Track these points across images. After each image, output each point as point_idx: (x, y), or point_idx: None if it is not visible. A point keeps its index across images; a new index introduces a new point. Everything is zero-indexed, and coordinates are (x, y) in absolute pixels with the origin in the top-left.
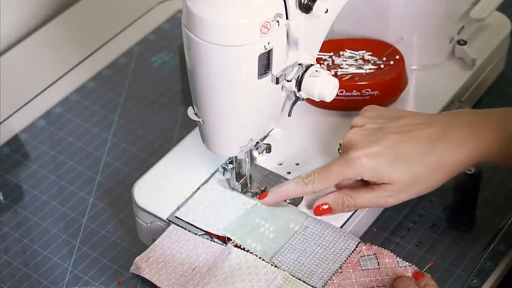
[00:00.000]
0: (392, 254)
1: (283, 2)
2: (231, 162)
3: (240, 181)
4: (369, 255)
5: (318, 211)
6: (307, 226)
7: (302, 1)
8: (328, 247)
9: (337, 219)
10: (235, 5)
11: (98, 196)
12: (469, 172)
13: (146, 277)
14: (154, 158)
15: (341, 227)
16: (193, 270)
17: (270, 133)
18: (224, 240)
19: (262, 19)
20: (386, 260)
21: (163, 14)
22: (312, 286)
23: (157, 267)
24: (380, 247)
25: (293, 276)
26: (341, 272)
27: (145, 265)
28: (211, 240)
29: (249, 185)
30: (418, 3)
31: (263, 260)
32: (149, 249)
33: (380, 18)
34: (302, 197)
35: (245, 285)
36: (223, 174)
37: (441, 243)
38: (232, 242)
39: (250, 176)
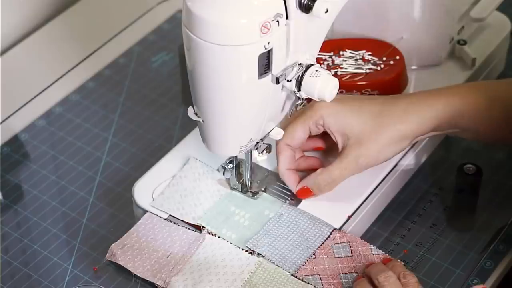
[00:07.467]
0: (366, 242)
1: (283, 2)
2: (231, 162)
3: (240, 181)
4: (343, 243)
5: (301, 194)
6: (282, 214)
7: (302, 1)
8: (303, 233)
9: (336, 219)
10: (235, 5)
11: (98, 196)
12: (469, 172)
13: (121, 264)
14: (154, 158)
15: (341, 227)
16: (167, 256)
17: (270, 133)
18: (199, 228)
19: (262, 19)
20: (360, 248)
21: (163, 14)
22: (285, 270)
23: (132, 254)
24: (354, 235)
25: (267, 260)
26: (314, 258)
27: (120, 252)
28: (186, 228)
29: (249, 184)
30: (418, 3)
31: (237, 247)
32: (125, 237)
33: (380, 18)
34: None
35: (218, 271)
36: (223, 174)
37: (441, 243)
38: (207, 230)
39: (250, 176)
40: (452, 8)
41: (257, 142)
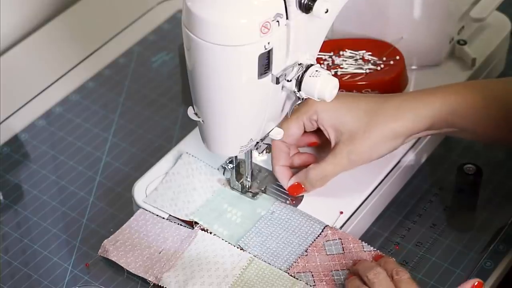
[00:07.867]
0: (357, 239)
1: (283, 2)
2: (231, 162)
3: (240, 181)
4: (334, 240)
5: (292, 190)
6: (274, 211)
7: (302, 1)
8: (294, 231)
9: (337, 219)
10: (235, 5)
11: (98, 196)
12: (469, 172)
13: (113, 259)
14: (154, 158)
15: (341, 227)
16: (159, 253)
17: (270, 133)
18: (192, 224)
19: (262, 19)
20: (351, 245)
21: (163, 14)
22: (277, 268)
23: (124, 250)
24: (345, 232)
25: (259, 259)
26: (306, 255)
27: (112, 248)
28: (178, 224)
29: (249, 185)
30: (418, 3)
31: (229, 243)
32: (117, 233)
33: (380, 18)
34: (302, 197)
35: (210, 267)
36: (223, 174)
37: (441, 243)
38: (199, 226)
39: (250, 176)
40: (452, 8)
41: (257, 142)
